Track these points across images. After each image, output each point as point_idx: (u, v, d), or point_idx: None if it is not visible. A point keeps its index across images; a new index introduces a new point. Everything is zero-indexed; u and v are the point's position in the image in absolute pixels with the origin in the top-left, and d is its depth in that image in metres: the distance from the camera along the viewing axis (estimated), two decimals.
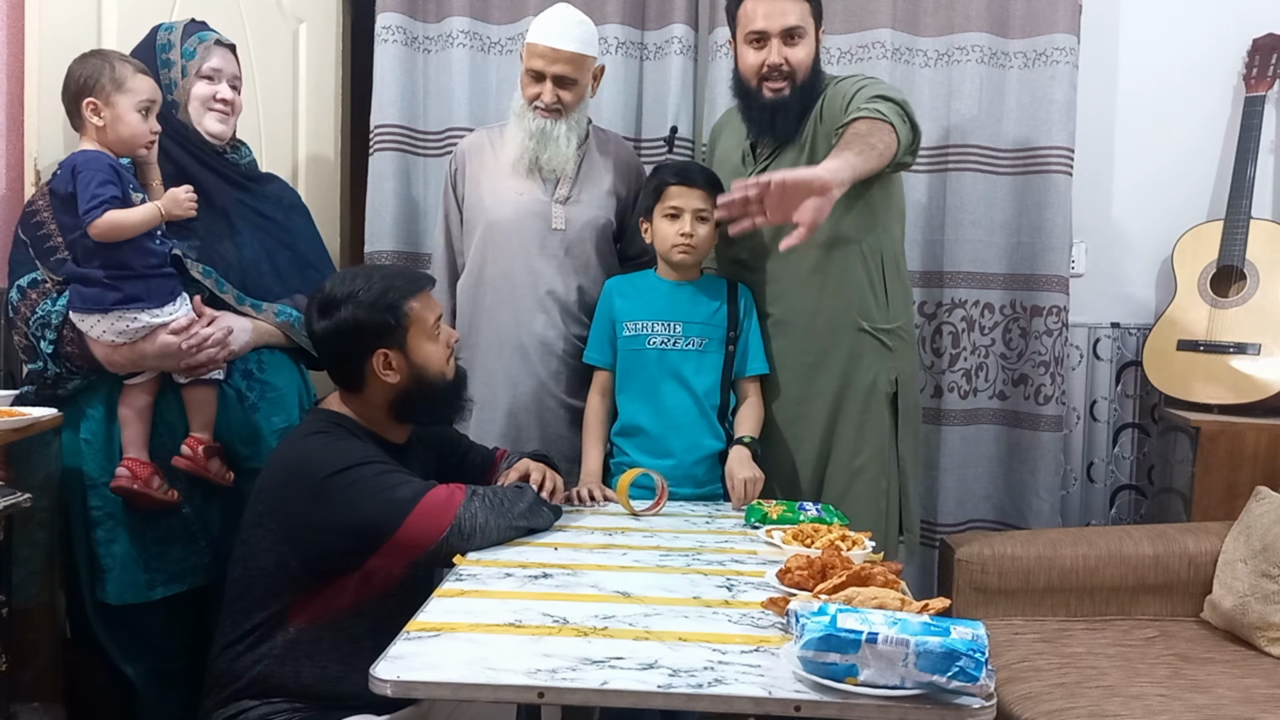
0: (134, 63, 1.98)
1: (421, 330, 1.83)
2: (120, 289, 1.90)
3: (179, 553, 2.04)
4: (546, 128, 2.30)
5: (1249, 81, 2.84)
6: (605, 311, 2.27)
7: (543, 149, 2.31)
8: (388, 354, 1.80)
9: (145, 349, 1.94)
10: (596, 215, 2.38)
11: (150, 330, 1.94)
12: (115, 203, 1.86)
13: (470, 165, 2.44)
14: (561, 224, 2.35)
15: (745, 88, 2.24)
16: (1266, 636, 2.19)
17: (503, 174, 2.38)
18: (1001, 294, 2.83)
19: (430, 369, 1.84)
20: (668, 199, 2.18)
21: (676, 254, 2.19)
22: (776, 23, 2.16)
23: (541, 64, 2.28)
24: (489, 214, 2.37)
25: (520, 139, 2.33)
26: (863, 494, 2.21)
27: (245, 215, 2.14)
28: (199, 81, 2.08)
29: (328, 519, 1.68)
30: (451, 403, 1.93)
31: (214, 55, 2.10)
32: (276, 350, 2.16)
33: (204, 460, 2.00)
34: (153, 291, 1.94)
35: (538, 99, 2.30)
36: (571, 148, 2.33)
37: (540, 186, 2.36)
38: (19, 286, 1.99)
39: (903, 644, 1.13)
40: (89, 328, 1.92)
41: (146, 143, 1.98)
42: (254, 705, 1.71)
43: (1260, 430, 2.59)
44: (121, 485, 1.95)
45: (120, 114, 1.93)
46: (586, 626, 1.37)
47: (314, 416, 1.88)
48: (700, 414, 2.20)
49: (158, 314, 1.94)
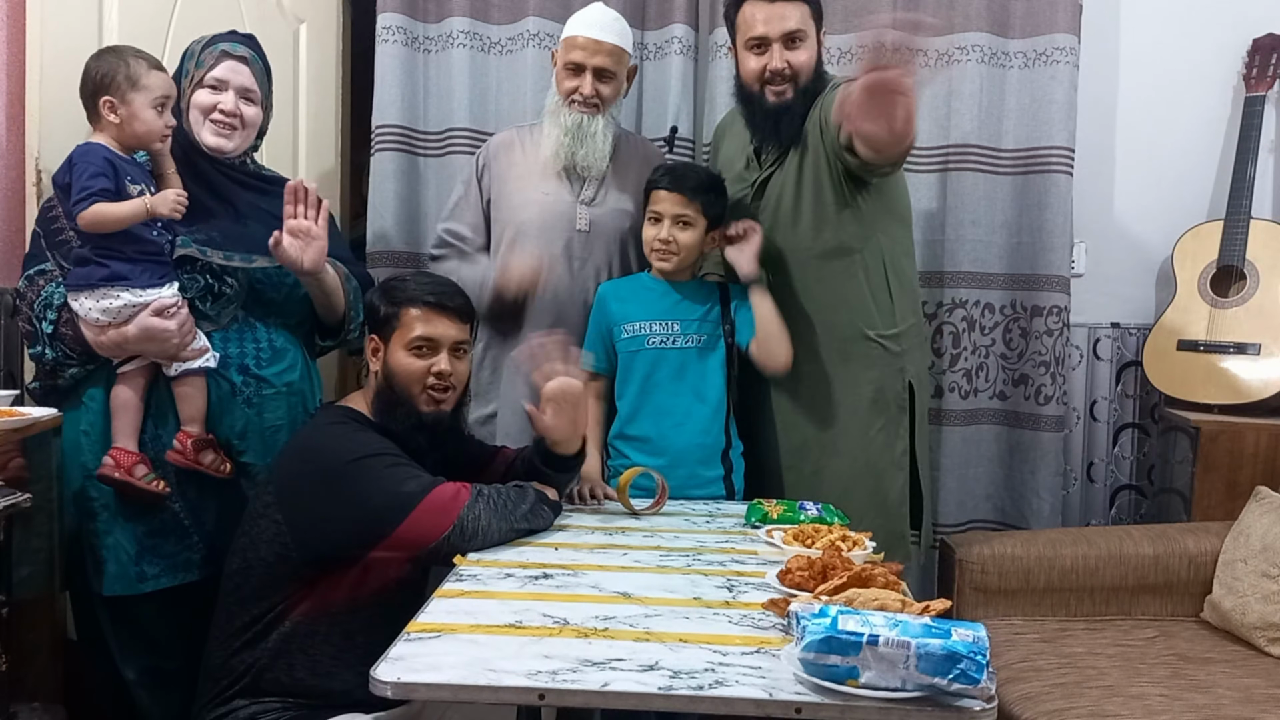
0: (149, 58, 1.98)
1: (402, 338, 1.85)
2: (107, 266, 1.91)
3: (172, 546, 2.03)
4: (584, 123, 2.27)
5: (1249, 81, 2.84)
6: (600, 317, 2.26)
7: (579, 145, 2.28)
8: (376, 342, 1.89)
9: (127, 331, 1.94)
10: (620, 217, 2.36)
11: (134, 311, 1.93)
12: (105, 195, 1.87)
13: (497, 163, 2.40)
14: (586, 225, 2.33)
15: (747, 93, 2.23)
16: (1266, 636, 2.19)
17: (532, 174, 2.35)
18: (1002, 294, 2.83)
19: (398, 378, 1.85)
20: (653, 202, 2.17)
21: (655, 259, 2.18)
22: (777, 27, 2.14)
23: (582, 55, 2.25)
24: (516, 214, 2.35)
25: (555, 135, 2.29)
26: (874, 496, 2.20)
27: (261, 218, 2.13)
28: (201, 90, 2.07)
29: (335, 508, 1.69)
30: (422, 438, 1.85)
31: (220, 65, 2.08)
32: (280, 344, 2.15)
33: (194, 454, 1.99)
34: (139, 273, 1.94)
35: (575, 92, 2.27)
36: (608, 145, 2.30)
37: (567, 187, 2.34)
38: (27, 275, 2.02)
39: (904, 646, 1.13)
40: (79, 306, 1.93)
41: (161, 137, 1.98)
42: (246, 704, 1.72)
43: (1260, 430, 2.59)
44: (105, 474, 1.95)
45: (135, 111, 1.93)
46: (587, 627, 1.37)
47: (328, 411, 1.90)
48: (703, 412, 2.20)
49: (141, 294, 1.93)
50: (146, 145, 1.98)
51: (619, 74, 2.30)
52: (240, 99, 2.09)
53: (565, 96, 2.29)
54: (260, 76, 2.14)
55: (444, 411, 1.88)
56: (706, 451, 2.20)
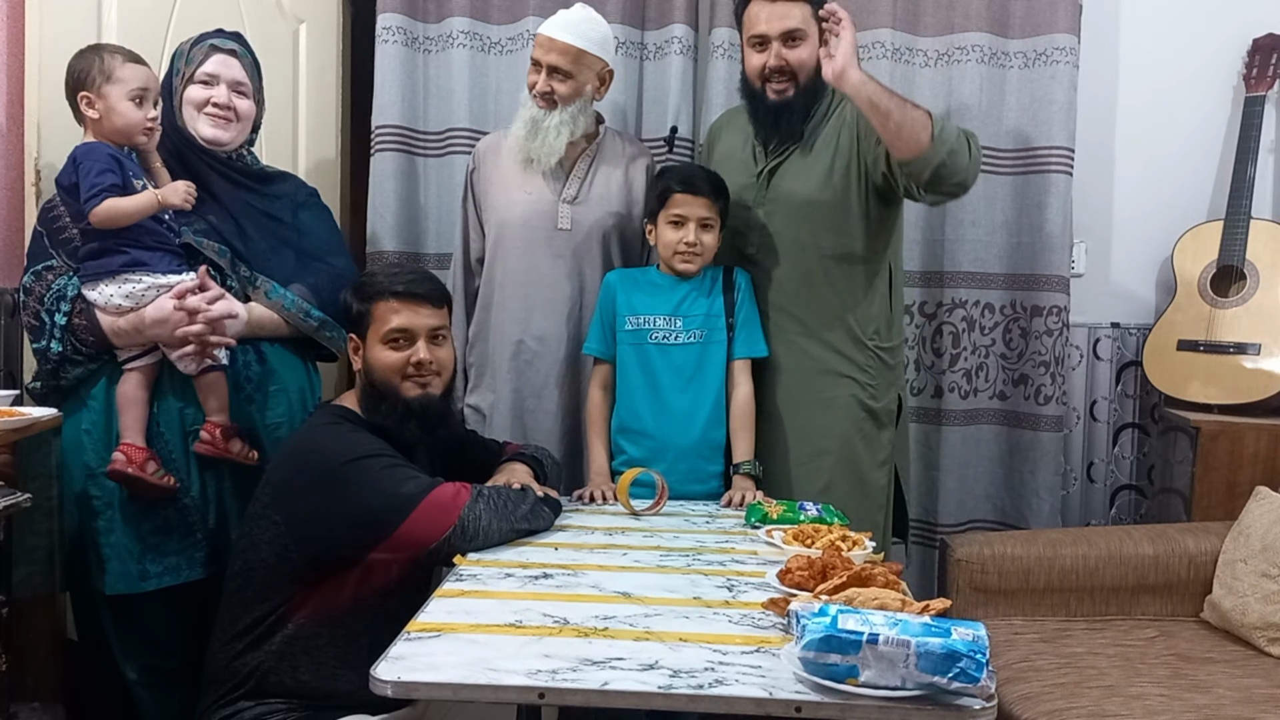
0: (125, 52, 1.99)
1: (376, 332, 1.86)
2: (127, 253, 1.94)
3: (176, 545, 2.04)
4: (538, 117, 2.32)
5: (1249, 81, 2.84)
6: (607, 303, 2.28)
7: (532, 138, 2.33)
8: (356, 342, 1.90)
9: (144, 313, 1.95)
10: (604, 216, 2.39)
11: (156, 295, 1.95)
12: (115, 190, 1.89)
13: (484, 166, 2.46)
14: (567, 224, 2.36)
15: (751, 89, 2.29)
16: (1266, 636, 2.19)
17: (513, 174, 2.40)
18: (1002, 294, 2.83)
19: (378, 373, 1.85)
20: (672, 206, 2.19)
21: (679, 262, 2.20)
22: (777, 26, 2.20)
23: (539, 53, 2.32)
24: (499, 214, 2.40)
25: (516, 128, 2.37)
26: (863, 501, 2.25)
27: (251, 216, 2.14)
28: (193, 86, 2.08)
29: (333, 509, 1.69)
30: (412, 425, 1.86)
31: (210, 60, 2.09)
32: (279, 344, 2.16)
33: (223, 443, 2.01)
34: (158, 259, 1.97)
35: (534, 87, 2.33)
36: (561, 140, 2.33)
37: (549, 186, 2.37)
38: (34, 271, 2.02)
39: (904, 645, 1.13)
40: (97, 295, 1.95)
41: (143, 130, 1.98)
42: (250, 706, 1.72)
43: (1260, 430, 2.59)
44: (117, 470, 1.95)
45: (112, 104, 1.94)
46: (587, 627, 1.37)
47: (322, 411, 1.90)
48: (704, 407, 2.21)
49: (161, 278, 1.96)
50: (129, 139, 1.98)
51: (577, 75, 2.32)
52: (232, 92, 2.11)
53: (529, 90, 2.35)
54: (250, 70, 2.16)
55: (432, 395, 1.87)
56: (707, 447, 2.21)
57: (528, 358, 2.37)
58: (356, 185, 3.03)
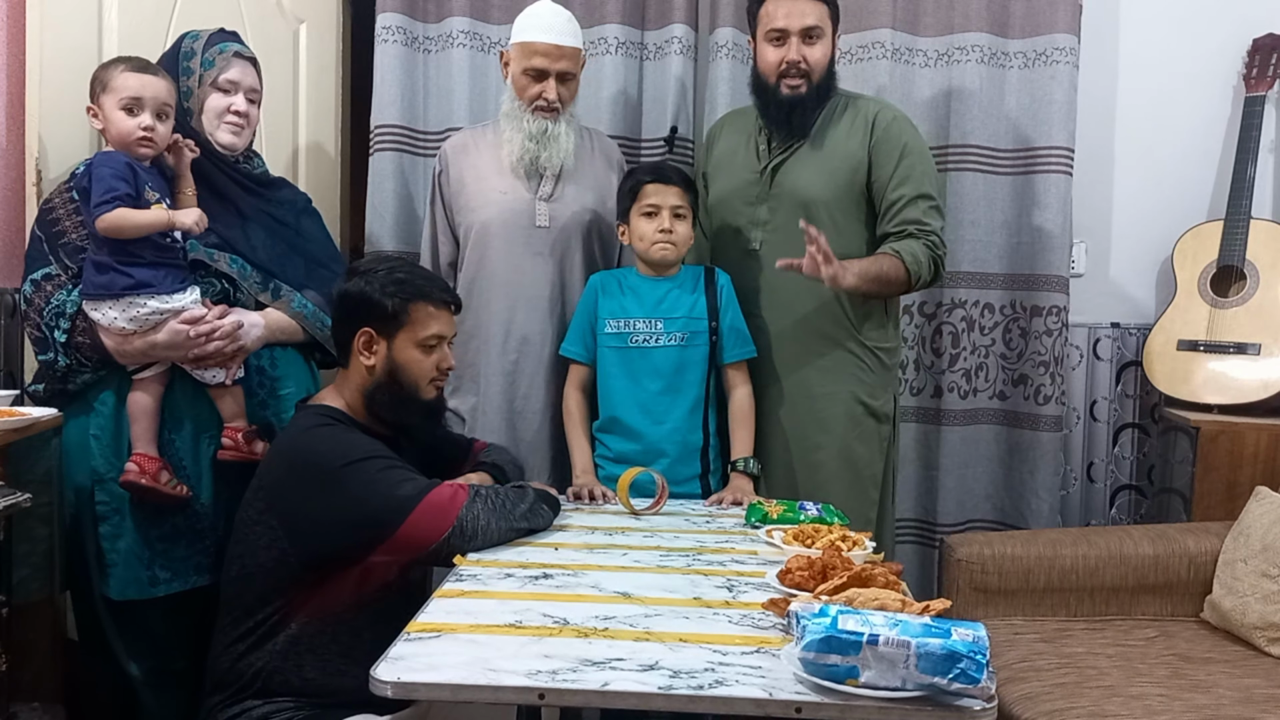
0: (128, 61, 1.98)
1: (413, 335, 1.85)
2: (130, 275, 1.92)
3: (184, 550, 2.04)
4: (549, 129, 2.31)
5: (1249, 81, 2.84)
6: (588, 306, 2.28)
7: (543, 149, 2.32)
8: (372, 336, 1.84)
9: (155, 338, 1.95)
10: (581, 212, 2.39)
11: (161, 318, 1.94)
12: (127, 200, 1.89)
13: (454, 167, 2.43)
14: (545, 221, 2.36)
15: (763, 84, 2.30)
16: (1266, 636, 2.19)
17: (488, 174, 2.38)
18: (1001, 294, 2.84)
19: (407, 374, 1.85)
20: (644, 197, 2.20)
21: (657, 251, 2.20)
22: (797, 22, 2.23)
23: (545, 62, 2.28)
24: (477, 214, 2.38)
25: (519, 140, 2.33)
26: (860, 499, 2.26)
27: (260, 220, 2.15)
28: (214, 93, 2.09)
29: (330, 513, 1.69)
30: (422, 422, 1.91)
31: (232, 67, 2.10)
32: (289, 348, 2.16)
33: (247, 446, 2.02)
34: (162, 278, 1.95)
35: (539, 98, 2.29)
36: (571, 143, 2.34)
37: (525, 184, 2.37)
38: (33, 280, 2.01)
39: (904, 646, 1.13)
40: (101, 315, 1.93)
41: (137, 139, 1.95)
42: (258, 705, 1.72)
43: (1260, 430, 2.59)
44: (130, 480, 1.95)
45: (107, 114, 1.95)
46: (587, 627, 1.37)
47: (307, 412, 1.87)
48: (682, 410, 2.22)
49: (167, 300, 1.95)
50: (127, 148, 1.96)
51: (578, 74, 2.35)
52: (246, 99, 2.12)
53: (529, 102, 2.31)
54: (259, 75, 2.17)
55: (442, 397, 1.95)
56: (684, 449, 2.22)
57: (514, 357, 2.36)
58: (356, 185, 3.03)
